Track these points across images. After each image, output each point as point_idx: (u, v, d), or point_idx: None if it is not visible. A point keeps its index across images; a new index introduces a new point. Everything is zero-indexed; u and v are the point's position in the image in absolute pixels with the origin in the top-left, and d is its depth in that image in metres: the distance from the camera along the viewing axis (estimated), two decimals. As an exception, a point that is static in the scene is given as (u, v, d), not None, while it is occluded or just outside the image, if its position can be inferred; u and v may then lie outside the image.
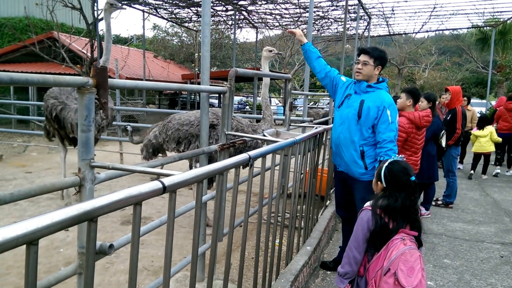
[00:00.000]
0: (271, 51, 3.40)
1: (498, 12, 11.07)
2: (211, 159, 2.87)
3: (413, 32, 14.25)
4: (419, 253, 1.71)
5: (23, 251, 0.74)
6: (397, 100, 3.87)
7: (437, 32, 15.43)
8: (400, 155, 1.96)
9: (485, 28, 13.72)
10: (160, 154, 3.94)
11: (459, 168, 7.10)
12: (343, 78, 2.82)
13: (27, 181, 5.34)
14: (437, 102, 5.22)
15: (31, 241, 0.72)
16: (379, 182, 1.87)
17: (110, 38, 3.08)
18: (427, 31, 14.05)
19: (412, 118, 3.56)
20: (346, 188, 2.82)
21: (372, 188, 2.63)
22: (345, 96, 2.70)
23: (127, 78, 11.08)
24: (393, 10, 10.83)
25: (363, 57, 2.60)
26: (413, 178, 1.79)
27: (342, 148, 2.67)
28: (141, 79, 11.72)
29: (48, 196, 4.44)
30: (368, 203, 1.87)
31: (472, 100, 11.45)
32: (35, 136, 8.69)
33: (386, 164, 1.86)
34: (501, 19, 12.10)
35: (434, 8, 10.38)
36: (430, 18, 11.50)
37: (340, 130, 2.68)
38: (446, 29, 14.13)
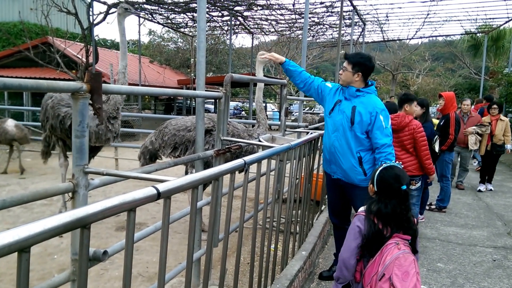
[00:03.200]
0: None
1: (490, 18, 11.28)
2: (208, 164, 2.87)
3: (407, 38, 14.47)
4: (413, 257, 1.72)
5: (16, 258, 0.74)
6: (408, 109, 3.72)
7: (430, 39, 15.67)
8: (398, 161, 1.94)
9: (477, 34, 13.96)
10: (158, 160, 3.92)
11: (479, 190, 6.10)
12: (329, 84, 2.81)
13: (20, 187, 5.28)
14: (458, 111, 5.37)
15: (22, 248, 0.72)
16: (371, 185, 1.88)
17: (125, 43, 3.08)
18: (420, 37, 14.27)
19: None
20: (341, 196, 2.79)
21: None
22: (335, 103, 2.67)
23: (116, 83, 11.01)
24: (387, 17, 10.99)
25: (344, 63, 2.62)
26: (404, 187, 1.76)
27: (339, 155, 2.63)
28: (137, 85, 11.70)
29: (41, 202, 4.39)
30: (361, 208, 1.87)
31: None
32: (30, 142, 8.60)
33: (381, 168, 1.86)
34: (493, 26, 12.32)
35: (428, 14, 10.55)
36: (423, 25, 11.69)
37: (334, 137, 2.64)
38: (439, 36, 14.35)
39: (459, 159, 5.91)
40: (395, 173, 1.81)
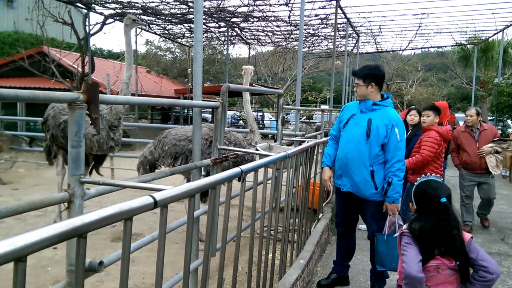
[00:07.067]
0: (243, 70, 3.65)
1: (479, 30, 11.57)
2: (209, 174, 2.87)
3: (400, 50, 14.73)
4: (455, 276, 1.60)
5: (7, 270, 0.73)
6: (424, 119, 3.84)
7: (422, 50, 15.97)
8: (435, 174, 1.81)
9: (467, 46, 14.27)
10: (157, 171, 3.91)
11: None
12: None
13: (13, 198, 5.19)
14: (463, 126, 4.48)
15: (19, 257, 0.71)
16: (411, 203, 1.78)
17: (131, 54, 3.15)
18: (413, 49, 14.55)
19: (441, 132, 3.72)
20: (350, 206, 2.78)
21: (382, 207, 2.63)
22: (349, 117, 2.68)
23: (118, 93, 11.00)
24: (380, 29, 11.22)
25: (355, 80, 2.64)
26: (443, 199, 1.63)
27: (351, 167, 2.60)
28: (134, 94, 11.70)
29: (35, 213, 4.33)
30: (405, 226, 1.77)
31: (457, 115, 11.71)
32: (23, 152, 8.52)
33: (416, 183, 1.76)
34: (482, 37, 12.63)
35: (419, 27, 10.80)
36: (415, 36, 11.95)
37: (347, 149, 2.62)
38: (431, 47, 14.68)
39: (475, 189, 4.46)
40: (431, 186, 1.69)
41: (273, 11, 9.44)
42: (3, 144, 6.10)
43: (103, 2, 8.65)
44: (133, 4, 8.84)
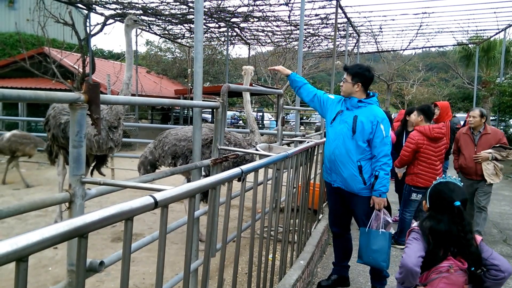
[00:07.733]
0: (243, 70, 3.66)
1: (481, 30, 11.56)
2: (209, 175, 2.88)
3: (401, 49, 14.72)
4: (465, 277, 1.58)
5: (8, 271, 0.73)
6: (409, 118, 4.03)
7: (423, 49, 15.96)
8: (455, 177, 1.78)
9: (469, 45, 14.25)
10: (158, 170, 3.92)
11: None
12: (331, 96, 2.88)
13: (14, 198, 5.21)
14: (466, 128, 4.27)
15: (21, 257, 0.71)
16: (424, 202, 1.79)
17: (131, 54, 3.17)
18: (414, 48, 14.53)
19: (422, 130, 3.69)
20: (342, 205, 2.81)
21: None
22: (337, 113, 2.73)
23: (119, 94, 10.99)
24: (381, 28, 11.21)
25: (344, 75, 2.69)
26: (457, 203, 1.61)
27: (339, 163, 2.66)
28: (134, 95, 11.72)
29: (36, 213, 4.34)
30: (415, 223, 1.77)
31: (458, 115, 11.69)
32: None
33: (434, 182, 1.77)
34: (484, 37, 12.61)
35: (420, 26, 10.78)
36: (416, 36, 11.92)
37: (334, 145, 2.67)
38: (432, 46, 14.65)
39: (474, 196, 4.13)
40: (448, 187, 1.70)
41: (273, 11, 9.43)
42: (26, 147, 5.87)
43: (104, 3, 8.67)
44: (133, 4, 8.85)
